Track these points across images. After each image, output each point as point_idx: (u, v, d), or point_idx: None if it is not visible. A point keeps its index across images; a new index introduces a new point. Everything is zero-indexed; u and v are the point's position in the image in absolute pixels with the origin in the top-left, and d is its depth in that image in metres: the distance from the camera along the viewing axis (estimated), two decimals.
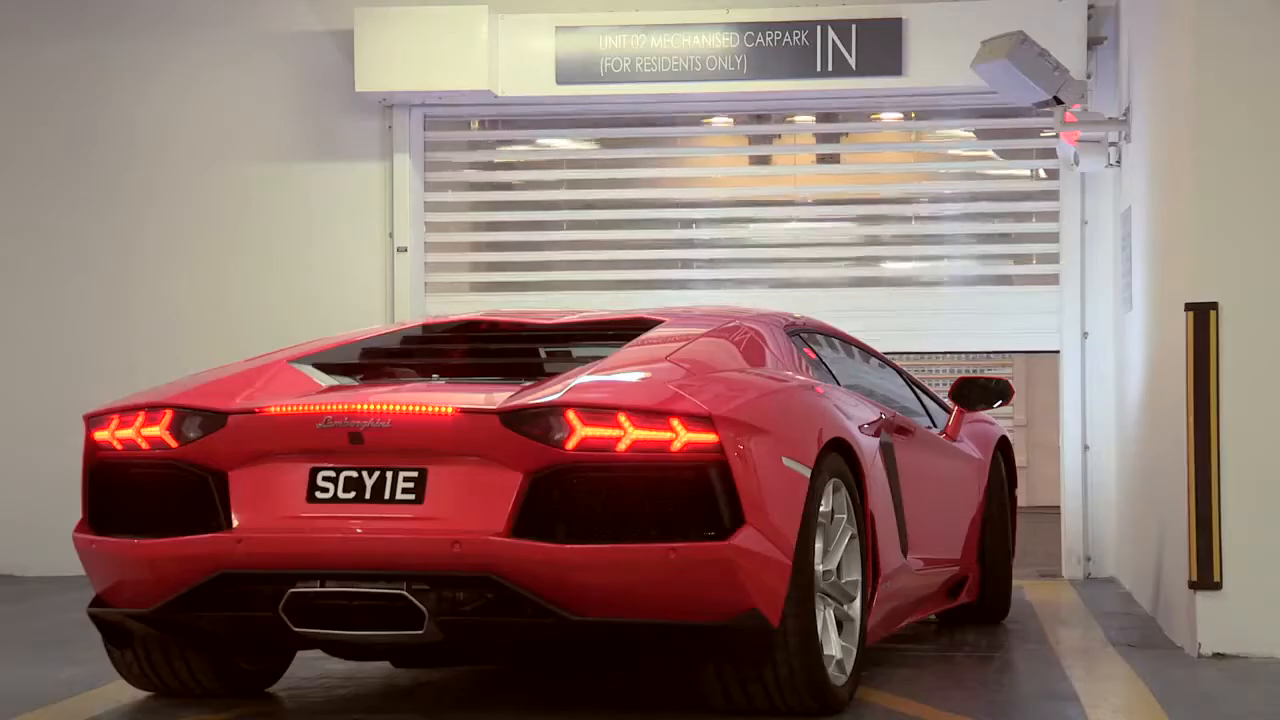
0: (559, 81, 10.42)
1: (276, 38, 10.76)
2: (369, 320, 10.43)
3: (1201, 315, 7.13)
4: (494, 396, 5.60)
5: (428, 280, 10.87)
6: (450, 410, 5.51)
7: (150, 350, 10.71)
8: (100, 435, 5.92)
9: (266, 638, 5.96)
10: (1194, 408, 7.12)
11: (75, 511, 10.34)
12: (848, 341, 7.67)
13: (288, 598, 5.46)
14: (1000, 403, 8.12)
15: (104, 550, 5.85)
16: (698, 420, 5.39)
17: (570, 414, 5.40)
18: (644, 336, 6.32)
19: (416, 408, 5.53)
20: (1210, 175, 7.18)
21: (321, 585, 5.45)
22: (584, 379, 5.67)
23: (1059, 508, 10.59)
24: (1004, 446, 8.50)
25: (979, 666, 7.19)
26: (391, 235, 10.66)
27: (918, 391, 8.08)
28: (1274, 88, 7.16)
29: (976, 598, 8.14)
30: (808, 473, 5.69)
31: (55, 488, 10.67)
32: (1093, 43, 10.14)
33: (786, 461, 5.61)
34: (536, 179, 11.23)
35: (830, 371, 6.97)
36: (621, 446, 5.38)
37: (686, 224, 10.98)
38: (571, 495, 5.40)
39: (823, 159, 11.25)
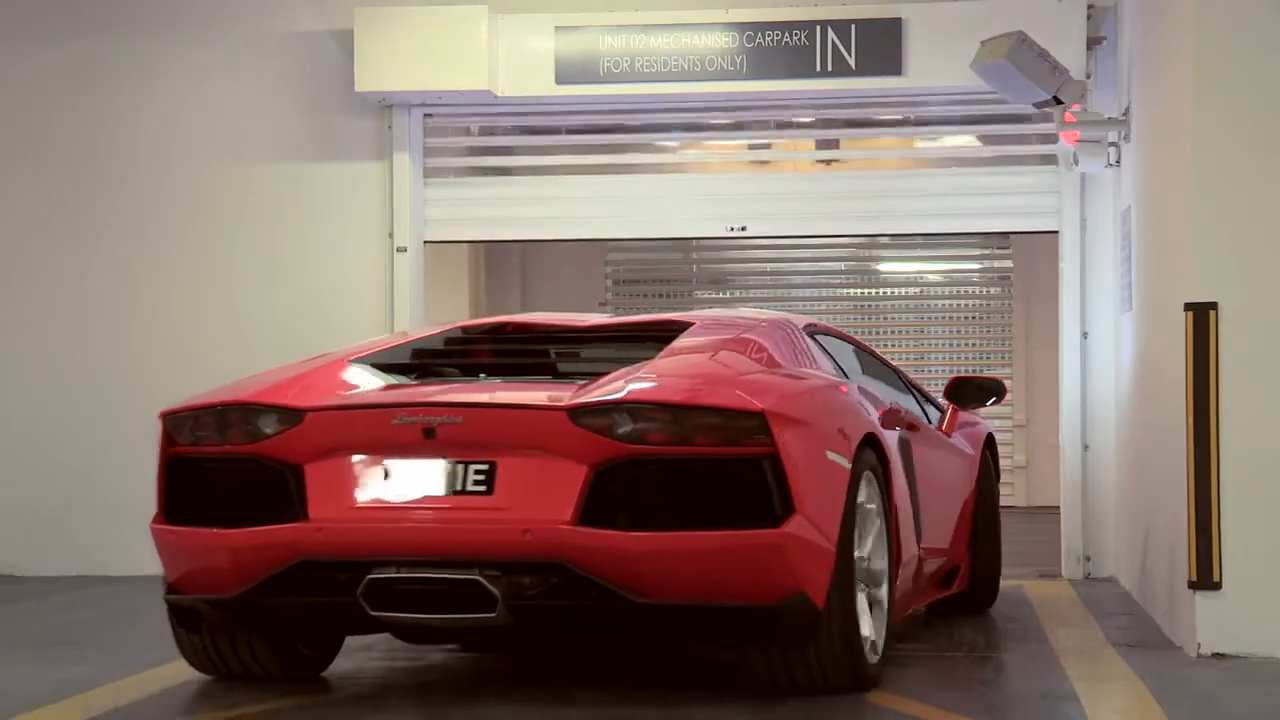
0: (558, 81, 10.41)
1: (276, 38, 10.74)
2: (370, 319, 10.47)
3: (1201, 315, 7.13)
4: (558, 394, 5.96)
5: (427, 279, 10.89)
6: (520, 407, 5.93)
7: (154, 349, 10.69)
8: (177, 432, 6.24)
9: (342, 622, 6.39)
10: (1194, 407, 7.12)
11: (74, 511, 10.33)
12: (852, 343, 7.94)
13: (366, 583, 5.78)
14: (993, 401, 8.50)
15: (183, 540, 6.15)
16: (752, 416, 5.77)
17: (633, 410, 5.78)
18: (683, 338, 6.69)
19: (488, 404, 5.97)
20: (1210, 175, 7.18)
21: (398, 571, 5.78)
22: (641, 377, 6.06)
23: (1058, 507, 10.58)
24: (990, 443, 8.86)
25: (978, 666, 7.19)
26: (391, 235, 10.65)
27: (913, 390, 8.30)
28: (1274, 88, 7.15)
29: (967, 586, 8.42)
30: (848, 465, 6.10)
31: (56, 488, 10.69)
32: (1092, 42, 10.13)
33: (830, 455, 6.02)
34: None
35: (843, 371, 7.24)
36: (680, 440, 5.75)
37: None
38: (634, 486, 5.76)
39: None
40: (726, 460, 5.76)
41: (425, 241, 10.77)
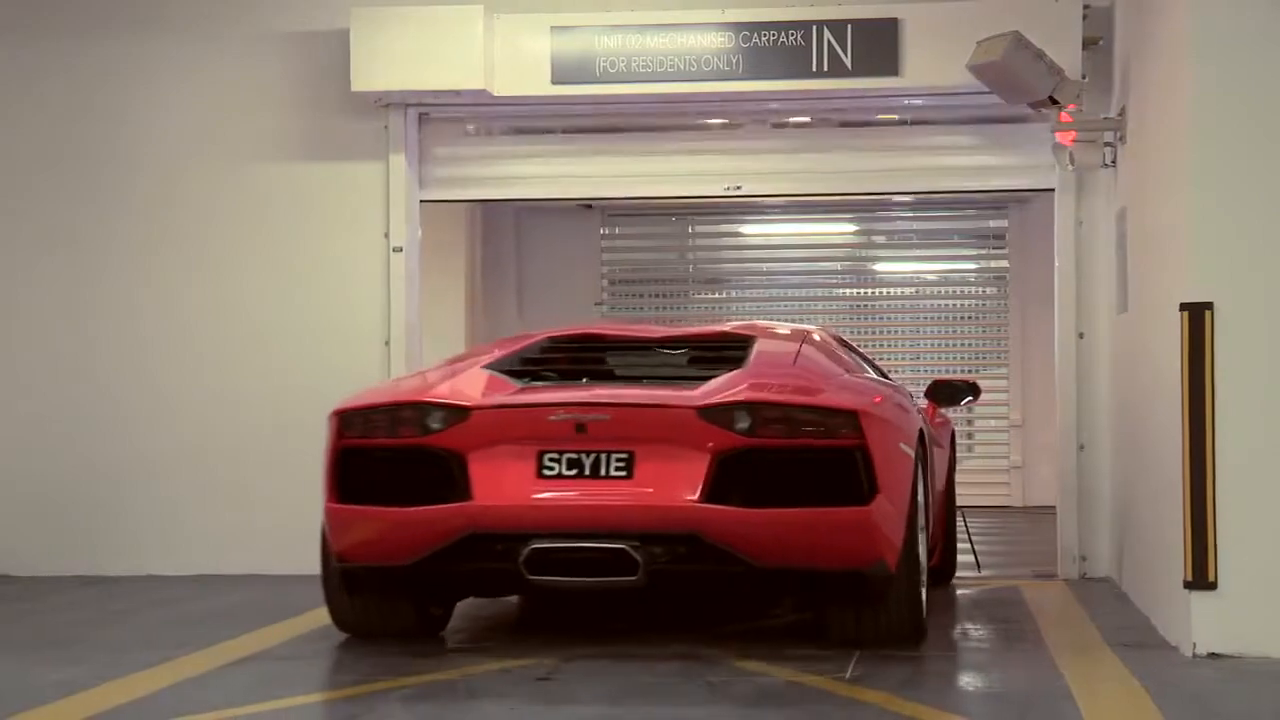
0: (554, 81, 10.41)
1: (273, 37, 10.74)
2: (367, 317, 10.49)
3: (1196, 315, 7.14)
4: (682, 395, 7.04)
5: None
6: (657, 406, 7.00)
7: (155, 349, 10.66)
8: (348, 427, 7.20)
9: (501, 585, 7.68)
10: (1189, 407, 7.13)
11: (74, 511, 10.34)
12: (851, 347, 8.77)
13: (527, 552, 6.86)
14: (967, 400, 9.76)
15: (359, 517, 7.14)
16: (846, 414, 6.92)
17: (750, 409, 6.88)
18: (760, 348, 7.79)
19: (631, 404, 7.00)
20: (1205, 175, 7.19)
21: (555, 543, 6.87)
22: (752, 382, 7.11)
23: (1054, 508, 10.60)
24: (953, 440, 10.15)
25: (975, 666, 7.21)
26: (387, 235, 10.65)
27: None
28: (1270, 87, 7.17)
29: (939, 562, 9.35)
30: (913, 454, 7.32)
31: (56, 488, 10.69)
32: (1088, 43, 10.12)
33: (902, 445, 7.20)
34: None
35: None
36: (790, 433, 6.87)
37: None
38: (750, 471, 6.85)
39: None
40: (825, 450, 6.87)
41: (422, 201, 10.77)
